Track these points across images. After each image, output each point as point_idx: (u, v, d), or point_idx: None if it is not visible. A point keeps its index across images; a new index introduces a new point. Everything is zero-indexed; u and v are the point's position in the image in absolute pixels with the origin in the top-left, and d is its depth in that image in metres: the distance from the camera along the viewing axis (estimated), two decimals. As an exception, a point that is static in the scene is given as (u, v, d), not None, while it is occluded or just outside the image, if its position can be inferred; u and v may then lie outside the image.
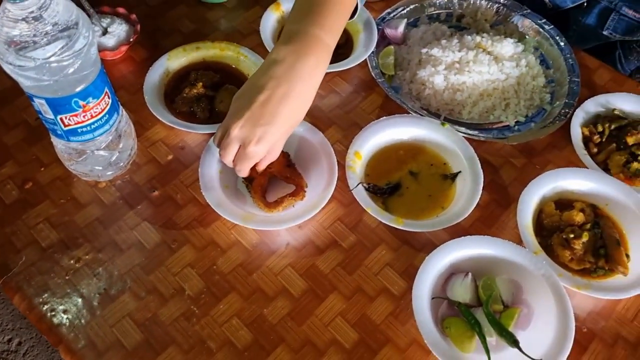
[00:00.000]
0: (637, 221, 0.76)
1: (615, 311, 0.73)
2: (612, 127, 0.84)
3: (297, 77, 0.66)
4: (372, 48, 0.91)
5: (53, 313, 0.68)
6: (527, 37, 0.99)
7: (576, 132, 0.84)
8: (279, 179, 0.77)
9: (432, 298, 0.69)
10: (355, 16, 0.80)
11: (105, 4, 0.93)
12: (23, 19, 0.58)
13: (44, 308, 0.68)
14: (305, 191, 0.75)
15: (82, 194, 0.78)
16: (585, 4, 0.99)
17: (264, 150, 0.67)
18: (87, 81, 0.65)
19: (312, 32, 0.68)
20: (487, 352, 0.65)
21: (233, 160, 0.69)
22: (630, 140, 0.83)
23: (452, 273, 0.72)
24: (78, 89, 0.64)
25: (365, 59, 0.91)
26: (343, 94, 0.91)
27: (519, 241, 0.73)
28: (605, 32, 0.99)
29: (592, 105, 0.88)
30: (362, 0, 0.78)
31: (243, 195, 0.77)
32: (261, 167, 0.71)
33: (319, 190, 0.76)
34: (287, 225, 0.73)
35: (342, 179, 0.77)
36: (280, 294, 0.71)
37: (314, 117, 0.87)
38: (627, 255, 0.74)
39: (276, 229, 0.75)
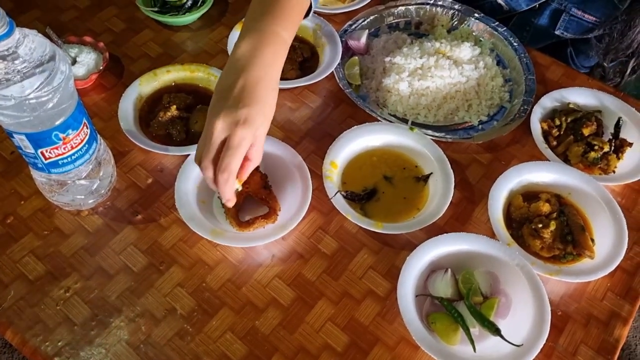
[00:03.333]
0: (598, 207, 0.81)
1: (586, 293, 0.78)
2: (569, 120, 0.90)
3: (263, 64, 0.69)
4: (338, 60, 0.95)
5: (47, 344, 0.68)
6: (482, 40, 1.04)
7: (536, 127, 0.89)
8: (255, 199, 0.79)
9: (416, 296, 0.72)
10: (310, 15, 0.82)
11: (71, 33, 0.94)
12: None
13: (38, 340, 0.69)
14: (277, 215, 0.77)
15: (65, 224, 0.78)
16: (537, 6, 1.05)
17: (250, 134, 0.65)
18: (66, 114, 0.66)
19: (270, 28, 0.71)
20: (472, 342, 0.69)
21: (215, 177, 0.67)
22: (586, 132, 0.88)
23: (433, 270, 0.75)
24: (57, 122, 0.65)
25: (332, 71, 0.94)
26: (313, 106, 0.94)
27: (492, 235, 0.77)
28: (557, 32, 1.05)
29: (549, 101, 0.93)
30: (316, 0, 0.81)
31: (219, 211, 0.79)
32: (245, 173, 0.69)
33: (292, 210, 0.78)
34: (254, 244, 0.75)
35: (321, 188, 0.80)
36: (270, 304, 0.73)
37: (287, 130, 0.89)
38: (592, 240, 0.79)
39: (243, 247, 0.77)
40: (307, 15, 0.81)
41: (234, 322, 0.72)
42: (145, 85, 0.88)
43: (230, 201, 0.70)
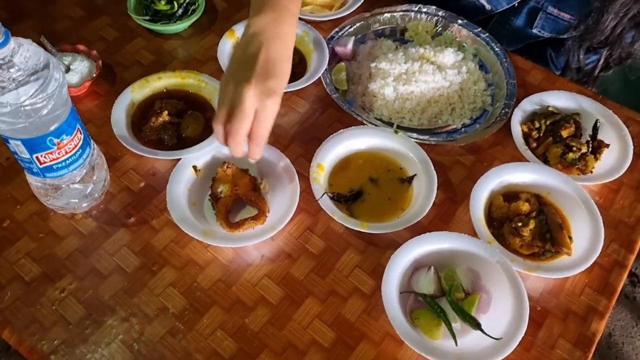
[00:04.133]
0: (576, 206, 0.84)
1: (564, 289, 0.80)
2: (548, 122, 0.93)
3: (282, 39, 0.75)
4: (325, 66, 0.97)
5: (43, 342, 0.71)
6: (465, 45, 1.07)
7: (516, 129, 0.92)
8: (244, 201, 0.82)
9: (400, 293, 0.75)
10: None
11: (65, 42, 0.96)
12: (-4, 66, 0.61)
13: (34, 339, 0.71)
14: (266, 216, 0.79)
15: (59, 227, 0.81)
16: (516, 5, 1.08)
17: (278, 104, 0.72)
18: (60, 120, 0.68)
19: (282, 4, 0.77)
20: (454, 336, 0.72)
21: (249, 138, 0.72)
22: (565, 133, 0.91)
23: (416, 268, 0.78)
24: (52, 128, 0.68)
25: (319, 77, 0.97)
26: (301, 111, 0.96)
27: (473, 233, 0.80)
28: (534, 31, 1.08)
29: (529, 104, 0.96)
30: None
31: (210, 213, 0.82)
32: (263, 133, 0.73)
33: (281, 211, 0.80)
34: (244, 244, 0.78)
35: (308, 190, 0.83)
36: (260, 303, 0.76)
37: (276, 134, 0.92)
38: (570, 237, 0.81)
39: (233, 247, 0.79)
40: None
41: (224, 320, 0.74)
42: (138, 91, 0.91)
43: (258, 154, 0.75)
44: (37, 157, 0.70)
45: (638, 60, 1.01)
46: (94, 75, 0.93)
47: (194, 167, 0.84)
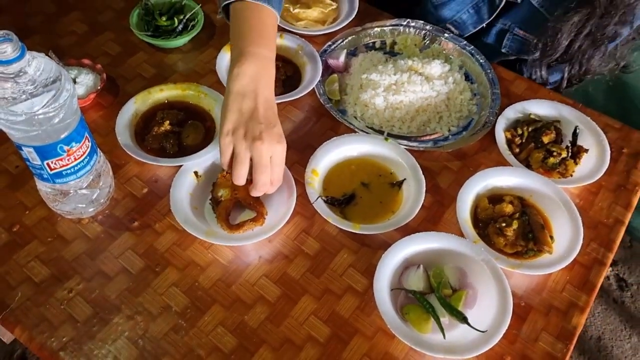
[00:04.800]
0: (557, 207, 0.88)
1: (547, 286, 0.85)
2: (530, 129, 0.98)
3: (269, 87, 0.84)
4: (318, 77, 1.02)
5: (52, 340, 0.74)
6: (452, 57, 1.12)
7: (500, 136, 0.97)
8: (243, 204, 0.86)
9: (391, 290, 0.79)
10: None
11: (70, 56, 1.01)
12: (11, 78, 0.66)
13: (44, 336, 0.75)
14: (265, 218, 0.84)
15: (67, 231, 0.85)
16: (485, 26, 1.14)
17: (285, 145, 0.81)
18: (70, 128, 0.73)
19: (262, 53, 0.85)
20: (442, 330, 0.76)
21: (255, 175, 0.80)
22: (546, 139, 0.96)
23: (406, 266, 0.82)
24: (62, 136, 0.72)
25: (313, 88, 1.02)
26: (296, 120, 1.01)
27: (460, 234, 0.84)
28: (503, 50, 1.13)
29: (512, 112, 1.01)
30: (279, 12, 0.92)
31: (210, 216, 0.86)
32: (280, 176, 0.83)
33: (278, 214, 0.85)
34: (243, 243, 0.82)
35: (304, 195, 0.87)
36: (258, 301, 0.80)
37: (272, 143, 0.96)
38: (552, 237, 0.86)
39: (233, 246, 0.84)
40: None
41: (224, 317, 0.78)
42: (140, 103, 0.96)
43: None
44: (47, 164, 0.74)
45: (599, 75, 1.07)
46: (99, 87, 0.97)
47: (195, 173, 0.89)
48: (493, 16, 1.11)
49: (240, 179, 0.81)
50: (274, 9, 0.89)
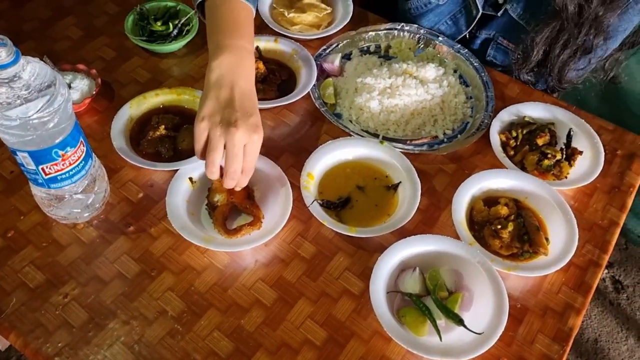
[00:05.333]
0: (552, 209, 0.89)
1: (542, 287, 0.85)
2: (524, 131, 0.98)
3: (247, 77, 0.83)
4: (313, 81, 1.03)
5: (48, 345, 0.74)
6: (446, 61, 1.13)
7: (495, 138, 0.98)
8: (240, 209, 0.86)
9: (387, 293, 0.79)
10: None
11: (65, 61, 1.01)
12: (5, 83, 0.66)
13: (39, 342, 0.74)
14: (261, 222, 0.84)
15: (62, 236, 0.84)
16: (467, 36, 1.15)
17: (262, 136, 0.79)
18: (65, 133, 0.72)
19: (239, 44, 0.84)
20: (438, 332, 0.76)
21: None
22: (540, 142, 0.97)
23: (402, 269, 0.82)
24: (57, 141, 0.72)
25: (308, 92, 1.02)
26: (292, 124, 1.01)
27: (456, 236, 0.84)
28: (488, 58, 1.15)
29: (506, 115, 1.01)
30: (255, 6, 0.92)
31: (207, 222, 0.86)
32: (252, 165, 0.80)
33: (274, 218, 0.85)
34: (241, 248, 0.82)
35: (299, 198, 0.87)
36: (254, 305, 0.80)
37: (268, 147, 0.96)
38: (547, 239, 0.86)
39: (230, 252, 0.84)
40: None
41: (220, 322, 0.78)
42: (136, 107, 0.95)
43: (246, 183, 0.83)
44: (42, 169, 0.74)
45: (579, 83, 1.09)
46: (94, 92, 0.97)
47: (190, 179, 0.88)
48: (471, 27, 1.13)
49: (213, 166, 0.78)
50: (248, 3, 0.90)
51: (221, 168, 0.80)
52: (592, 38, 0.98)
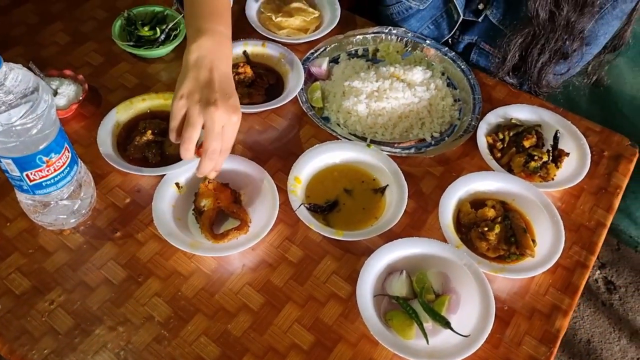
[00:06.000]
0: (539, 211, 0.89)
1: (530, 289, 0.85)
2: (511, 134, 0.99)
3: (226, 60, 0.84)
4: (301, 85, 1.03)
5: (34, 352, 0.74)
6: (433, 64, 1.13)
7: (482, 141, 0.98)
8: (226, 213, 0.86)
9: (374, 296, 0.79)
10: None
11: (53, 67, 1.01)
12: (-12, 90, 0.65)
13: (25, 349, 0.74)
14: (249, 226, 0.84)
15: (48, 242, 0.84)
16: (450, 41, 1.16)
17: (240, 117, 0.79)
18: (49, 139, 0.72)
19: (218, 29, 0.85)
20: (425, 335, 0.76)
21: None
22: (527, 144, 0.97)
23: (389, 272, 0.82)
24: (41, 147, 0.72)
25: (296, 96, 1.02)
26: (279, 128, 1.01)
27: (443, 239, 0.85)
28: (471, 63, 1.15)
29: (493, 117, 1.02)
30: None
31: (194, 227, 0.86)
32: (230, 146, 0.81)
33: (261, 222, 0.85)
34: (228, 253, 0.82)
35: (287, 202, 0.87)
36: (241, 309, 0.80)
37: (255, 150, 0.97)
38: (534, 241, 0.87)
39: (217, 256, 0.84)
40: None
41: (207, 327, 0.78)
42: (122, 113, 0.95)
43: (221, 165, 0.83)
44: (27, 175, 0.74)
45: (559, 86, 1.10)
46: (81, 98, 0.97)
47: (177, 185, 0.88)
48: (453, 32, 1.13)
49: (189, 142, 0.77)
50: None
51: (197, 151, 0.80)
52: (567, 43, 0.99)
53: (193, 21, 0.86)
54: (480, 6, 1.08)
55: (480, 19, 1.09)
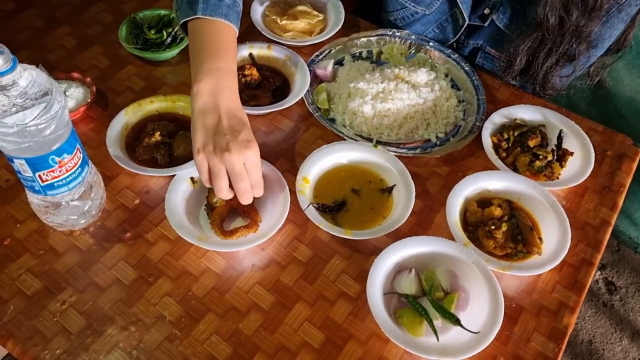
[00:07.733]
0: (544, 209, 0.90)
1: (537, 286, 0.86)
2: (516, 133, 1.00)
3: (230, 92, 0.85)
4: (307, 87, 1.04)
5: (46, 352, 0.74)
6: (437, 65, 1.14)
7: (487, 141, 0.99)
8: (238, 211, 0.87)
9: (384, 294, 0.80)
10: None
11: (60, 70, 1.01)
12: (2, 90, 0.66)
13: (37, 349, 0.74)
14: (258, 225, 0.85)
15: (59, 243, 0.84)
16: (455, 45, 1.17)
17: (257, 148, 0.81)
18: (62, 139, 0.73)
19: (219, 67, 0.86)
20: (435, 332, 0.77)
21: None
22: (532, 143, 0.98)
23: (398, 271, 0.83)
24: (54, 147, 0.72)
25: (302, 97, 1.03)
26: (286, 129, 1.02)
27: (450, 237, 0.85)
28: (477, 64, 1.17)
29: (498, 117, 1.03)
30: (237, 26, 0.93)
31: (205, 222, 0.87)
32: (259, 178, 0.82)
33: (271, 222, 0.86)
34: (236, 249, 0.83)
35: (295, 202, 0.88)
36: (252, 308, 0.80)
37: (263, 151, 0.95)
38: (540, 239, 0.87)
39: (227, 252, 0.85)
40: None
41: (219, 326, 0.78)
42: (131, 115, 0.96)
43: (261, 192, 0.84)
44: (39, 176, 0.74)
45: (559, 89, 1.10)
46: (89, 100, 0.98)
47: (192, 179, 0.89)
48: (458, 36, 1.14)
49: (221, 191, 0.80)
50: (231, 23, 0.91)
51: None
52: (575, 47, 1.00)
53: (195, 60, 0.87)
54: (487, 11, 1.09)
55: (486, 24, 1.10)
